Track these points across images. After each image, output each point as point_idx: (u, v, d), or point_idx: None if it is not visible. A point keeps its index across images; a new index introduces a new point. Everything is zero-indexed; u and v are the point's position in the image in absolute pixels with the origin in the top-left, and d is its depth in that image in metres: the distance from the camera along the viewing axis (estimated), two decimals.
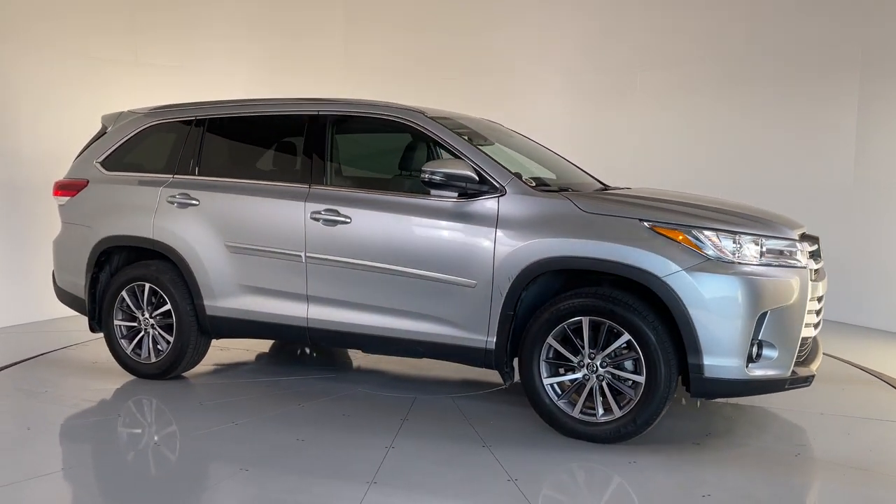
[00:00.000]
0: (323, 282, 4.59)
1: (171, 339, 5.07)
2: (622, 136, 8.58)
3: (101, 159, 5.43)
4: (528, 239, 4.05)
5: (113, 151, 5.41)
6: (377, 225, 4.45)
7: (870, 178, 7.22)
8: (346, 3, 9.34)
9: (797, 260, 3.92)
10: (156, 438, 4.04)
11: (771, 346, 3.81)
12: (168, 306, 5.05)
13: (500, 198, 4.19)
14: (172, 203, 5.02)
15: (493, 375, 5.19)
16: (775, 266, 3.84)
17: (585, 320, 3.96)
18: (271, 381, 5.20)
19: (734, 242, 3.81)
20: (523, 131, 5.14)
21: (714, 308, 3.72)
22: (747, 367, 3.76)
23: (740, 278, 3.73)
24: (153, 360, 5.16)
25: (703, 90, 8.18)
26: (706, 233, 3.81)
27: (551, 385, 4.07)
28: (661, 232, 3.84)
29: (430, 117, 4.57)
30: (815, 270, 4.07)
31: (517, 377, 4.25)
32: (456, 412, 4.54)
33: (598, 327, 3.95)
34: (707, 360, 3.74)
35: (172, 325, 5.06)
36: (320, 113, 4.81)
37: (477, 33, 8.93)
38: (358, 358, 5.87)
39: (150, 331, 5.15)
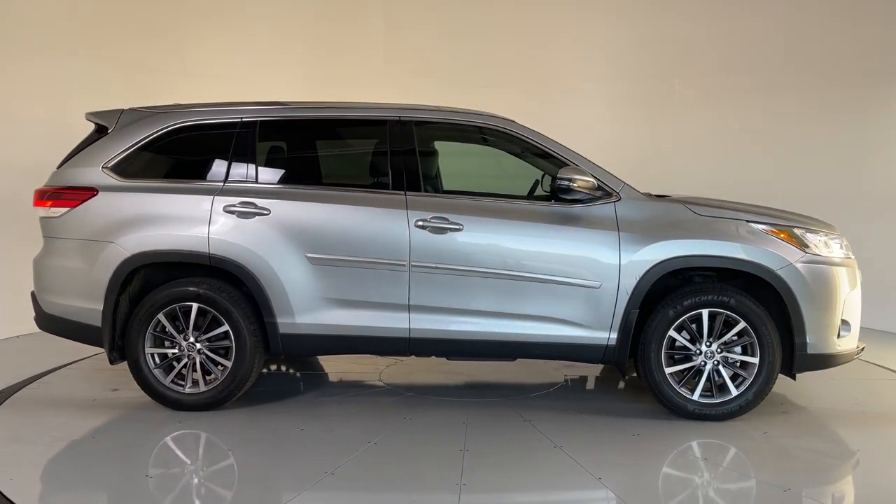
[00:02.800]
0: (429, 290, 4.49)
1: (227, 363, 4.57)
2: (659, 143, 8.54)
3: (110, 164, 4.69)
4: (652, 241, 4.40)
5: (126, 155, 4.71)
6: (493, 231, 4.49)
7: None
8: (386, 13, 9.41)
9: (849, 253, 4.74)
10: (329, 471, 3.69)
11: (847, 324, 4.58)
12: (224, 327, 4.56)
13: (616, 203, 4.49)
14: (232, 213, 4.53)
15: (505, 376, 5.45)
16: (843, 258, 4.61)
17: (705, 312, 4.42)
18: (323, 401, 4.93)
19: (817, 239, 4.52)
20: (558, 139, 5.42)
21: (816, 294, 4.40)
22: (836, 342, 4.49)
23: (832, 268, 4.46)
24: (202, 389, 4.61)
25: (741, 98, 8.15)
26: (802, 231, 4.48)
27: (671, 374, 4.47)
28: (768, 231, 4.43)
29: (521, 125, 4.71)
30: None
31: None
32: (566, 411, 4.72)
33: (710, 317, 4.43)
34: (809, 339, 4.41)
35: (227, 348, 4.58)
36: (402, 118, 4.69)
37: (514, 42, 8.93)
38: (336, 371, 5.73)
39: (197, 357, 4.59)
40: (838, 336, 4.52)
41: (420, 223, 4.47)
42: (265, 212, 4.52)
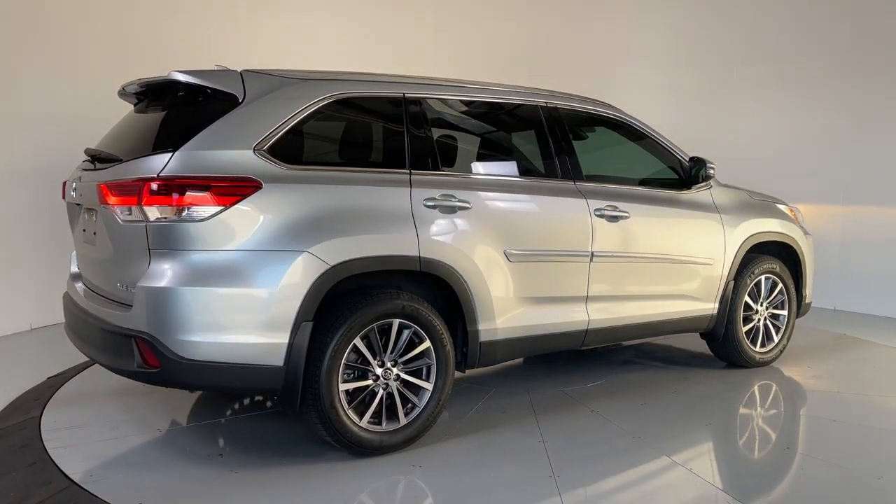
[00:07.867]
0: (603, 279, 4.48)
1: (426, 385, 3.86)
2: (716, 131, 8.29)
3: (264, 146, 3.47)
4: (740, 220, 5.16)
5: (282, 134, 3.54)
6: (648, 217, 4.69)
7: None
8: (437, 4, 9.38)
9: None
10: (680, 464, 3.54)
11: None
12: (426, 344, 3.83)
13: (711, 189, 5.11)
14: (433, 207, 3.81)
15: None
16: None
17: (763, 278, 5.36)
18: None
19: (800, 215, 5.83)
20: None
21: (812, 257, 5.70)
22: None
23: (811, 238, 5.81)
24: (402, 423, 3.78)
25: (803, 86, 7.96)
26: (796, 209, 5.73)
27: (745, 333, 5.30)
28: (786, 211, 5.58)
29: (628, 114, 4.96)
30: None
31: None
32: (583, 404, 5.12)
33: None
34: (809, 292, 5.70)
35: (422, 368, 3.86)
36: (549, 104, 4.51)
37: (570, 28, 8.70)
38: None
39: (393, 385, 3.76)
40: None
41: (598, 212, 4.42)
42: (466, 205, 3.92)
